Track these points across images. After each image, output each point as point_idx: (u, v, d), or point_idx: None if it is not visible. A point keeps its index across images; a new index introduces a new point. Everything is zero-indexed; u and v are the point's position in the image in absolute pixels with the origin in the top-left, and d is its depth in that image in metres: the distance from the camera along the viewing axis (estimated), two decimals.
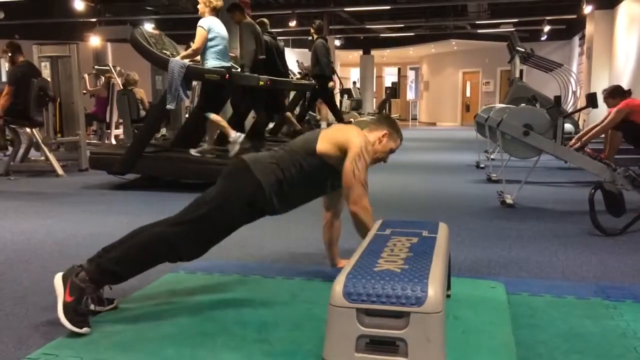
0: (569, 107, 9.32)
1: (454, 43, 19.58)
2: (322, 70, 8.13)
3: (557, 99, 5.49)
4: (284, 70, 7.18)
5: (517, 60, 9.27)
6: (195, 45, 5.14)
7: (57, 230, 3.63)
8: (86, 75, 10.01)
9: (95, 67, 10.87)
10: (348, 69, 26.00)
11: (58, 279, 2.00)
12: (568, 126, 6.80)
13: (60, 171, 6.45)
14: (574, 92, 9.87)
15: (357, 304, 1.41)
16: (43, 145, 6.57)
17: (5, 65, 9.06)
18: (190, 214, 2.15)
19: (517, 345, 1.83)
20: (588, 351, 1.81)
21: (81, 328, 1.91)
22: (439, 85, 22.30)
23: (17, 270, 2.79)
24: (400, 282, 1.42)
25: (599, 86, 11.58)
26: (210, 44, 5.16)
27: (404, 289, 1.40)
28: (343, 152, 2.26)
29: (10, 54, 6.38)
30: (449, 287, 2.26)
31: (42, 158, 6.74)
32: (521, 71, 11.20)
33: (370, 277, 1.46)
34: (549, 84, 11.14)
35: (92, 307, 2.03)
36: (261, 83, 5.74)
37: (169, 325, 2.03)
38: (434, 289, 1.39)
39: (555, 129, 4.37)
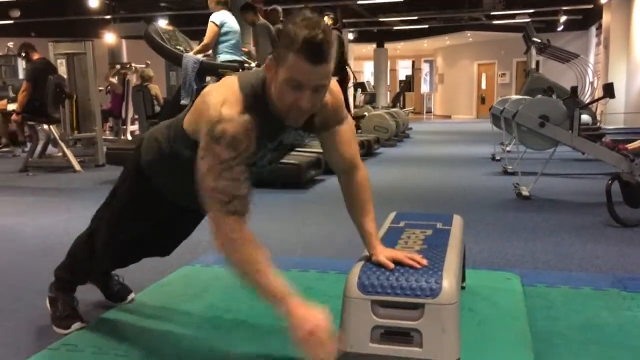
0: (586, 98, 9.20)
1: (468, 35, 19.40)
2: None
3: (574, 89, 5.43)
4: None
5: (533, 51, 9.17)
6: (205, 40, 5.16)
7: (75, 225, 3.67)
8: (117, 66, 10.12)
9: (119, 64, 10.95)
10: (361, 63, 25.91)
11: (46, 302, 2.04)
12: (585, 117, 6.71)
13: (77, 167, 6.53)
14: (591, 83, 9.75)
15: (372, 296, 1.41)
16: (60, 142, 6.65)
17: (22, 64, 9.20)
18: (104, 205, 1.97)
19: (533, 336, 1.82)
20: (605, 342, 1.80)
21: (68, 327, 1.94)
22: (454, 78, 22.13)
23: (37, 264, 2.83)
24: (414, 274, 1.42)
25: (616, 77, 11.43)
26: (222, 38, 5.18)
27: (419, 281, 1.40)
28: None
29: (24, 55, 6.52)
30: (463, 279, 2.25)
31: (60, 154, 6.82)
32: (537, 62, 11.04)
33: (384, 269, 1.46)
34: (565, 75, 11.00)
35: (70, 308, 1.99)
36: None
37: (185, 316, 2.05)
38: (448, 281, 1.39)
39: (571, 119, 4.32)
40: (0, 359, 1.79)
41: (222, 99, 1.38)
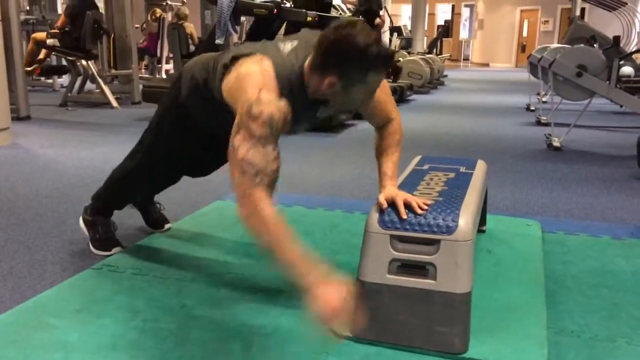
0: (631, 49, 8.86)
1: None
2: (369, 4, 7.92)
3: (616, 39, 5.27)
4: (330, 2, 7.03)
5: None
6: None
7: (113, 158, 3.82)
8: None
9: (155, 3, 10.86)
10: (399, 6, 25.17)
11: (80, 222, 2.19)
12: (627, 69, 6.49)
13: (114, 103, 6.69)
14: (638, 33, 9.36)
15: (391, 231, 1.49)
16: (98, 78, 6.79)
17: None
18: (141, 141, 2.08)
19: (548, 279, 1.90)
20: (617, 286, 1.86)
21: (109, 250, 2.10)
22: (495, 24, 21.41)
23: (79, 192, 3.01)
24: (433, 212, 1.50)
25: None
26: None
27: (436, 219, 1.47)
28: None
29: None
30: (484, 223, 2.33)
31: (98, 90, 6.98)
32: (582, 9, 10.62)
33: (405, 207, 1.54)
34: (612, 24, 10.57)
35: (109, 232, 2.15)
36: (309, 19, 5.70)
37: (217, 245, 2.19)
38: (464, 219, 1.46)
39: (610, 70, 4.22)
40: (49, 275, 1.95)
41: (261, 83, 1.43)
